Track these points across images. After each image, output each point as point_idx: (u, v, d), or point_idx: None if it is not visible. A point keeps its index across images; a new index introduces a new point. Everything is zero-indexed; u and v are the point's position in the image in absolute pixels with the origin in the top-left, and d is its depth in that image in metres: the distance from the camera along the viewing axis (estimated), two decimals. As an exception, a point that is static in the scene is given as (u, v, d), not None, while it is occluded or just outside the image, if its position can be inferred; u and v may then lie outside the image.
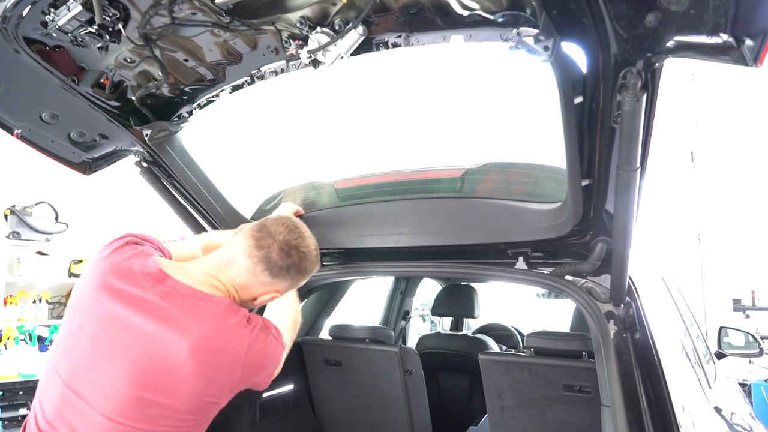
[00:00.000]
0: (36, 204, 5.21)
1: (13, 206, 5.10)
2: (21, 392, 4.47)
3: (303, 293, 2.72)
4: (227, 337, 1.26)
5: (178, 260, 1.46)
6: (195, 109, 1.83)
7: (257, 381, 1.38)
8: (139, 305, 1.23)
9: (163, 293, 1.25)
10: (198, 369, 1.22)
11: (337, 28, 1.33)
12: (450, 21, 1.28)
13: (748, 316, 5.76)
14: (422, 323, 5.63)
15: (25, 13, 1.35)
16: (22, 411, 5.01)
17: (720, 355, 2.99)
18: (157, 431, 1.23)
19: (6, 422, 4.84)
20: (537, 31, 1.10)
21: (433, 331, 4.70)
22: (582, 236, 1.71)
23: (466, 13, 1.21)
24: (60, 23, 1.36)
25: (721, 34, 0.92)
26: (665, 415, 1.47)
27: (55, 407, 1.24)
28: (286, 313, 1.68)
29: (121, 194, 4.83)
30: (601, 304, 1.70)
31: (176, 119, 1.86)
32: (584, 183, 1.47)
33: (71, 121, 1.81)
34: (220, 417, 2.25)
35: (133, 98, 1.75)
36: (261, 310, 1.75)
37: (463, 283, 3.67)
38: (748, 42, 0.90)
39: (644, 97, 1.08)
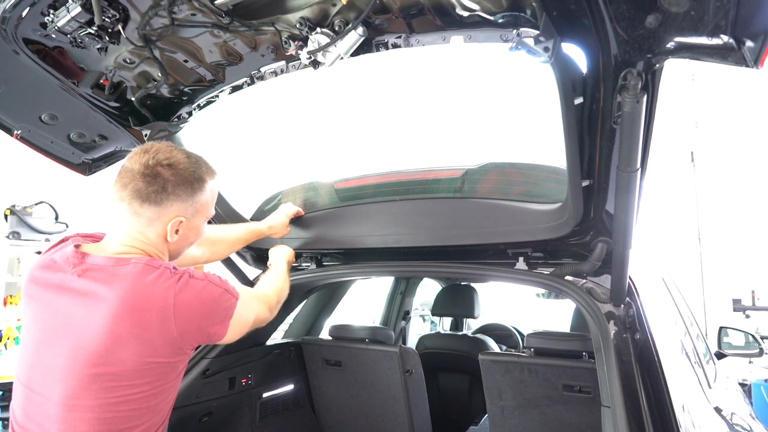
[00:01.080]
0: (36, 204, 5.21)
1: (13, 206, 5.11)
2: (21, 392, 4.46)
3: (303, 293, 2.73)
4: (148, 293, 1.21)
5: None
6: (195, 109, 1.83)
7: (209, 332, 1.30)
8: (63, 288, 1.25)
9: (82, 271, 1.24)
10: (128, 332, 1.19)
11: (336, 28, 1.33)
12: (450, 22, 1.28)
13: (748, 316, 5.75)
14: (422, 323, 5.62)
15: (24, 14, 1.35)
16: (22, 411, 5.00)
17: (720, 355, 2.99)
18: (108, 404, 1.20)
19: (6, 422, 4.84)
20: (537, 32, 1.10)
21: (433, 331, 4.70)
22: (582, 237, 1.71)
23: (466, 13, 1.21)
24: (59, 24, 1.36)
25: (722, 36, 0.92)
26: (665, 416, 1.46)
27: (22, 409, 1.26)
28: (268, 282, 1.71)
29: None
30: (601, 305, 1.70)
31: (176, 120, 1.86)
32: (584, 183, 1.47)
33: (71, 122, 1.81)
34: (220, 416, 2.27)
35: (133, 99, 1.75)
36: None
37: (463, 283, 3.67)
38: (749, 43, 0.90)
39: (644, 98, 1.08)
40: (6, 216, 5.09)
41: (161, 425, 1.33)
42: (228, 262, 2.25)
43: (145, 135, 1.84)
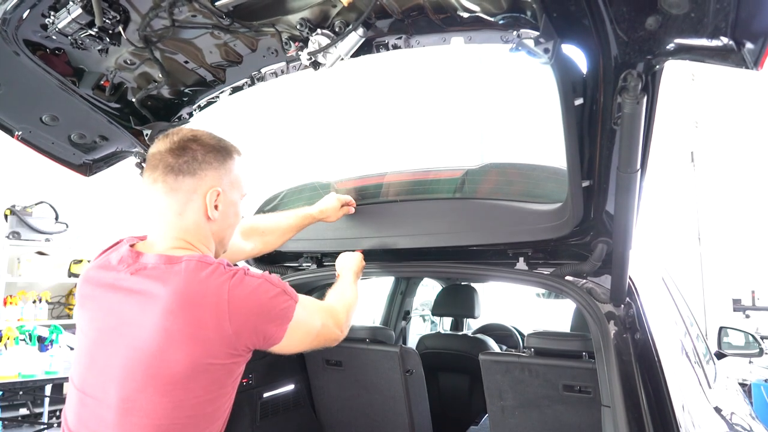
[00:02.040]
0: (36, 204, 5.23)
1: (13, 206, 5.12)
2: (21, 392, 4.47)
3: (303, 293, 2.73)
4: (202, 289, 1.17)
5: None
6: (195, 110, 1.83)
7: (266, 333, 1.23)
8: (116, 287, 1.24)
9: (135, 270, 1.23)
10: (181, 330, 1.14)
11: (337, 29, 1.33)
12: (450, 23, 1.28)
13: (748, 316, 5.76)
14: (422, 323, 5.63)
15: (25, 15, 1.35)
16: (22, 411, 5.02)
17: (720, 355, 2.99)
18: (164, 409, 1.16)
19: (6, 422, 4.85)
20: (537, 33, 1.10)
21: (433, 331, 4.70)
22: (582, 237, 1.71)
23: (466, 15, 1.21)
24: (60, 26, 1.36)
25: (722, 37, 0.92)
26: (665, 415, 1.47)
27: (75, 414, 1.23)
28: (335, 295, 1.63)
29: (122, 195, 4.84)
30: (601, 305, 1.70)
31: (176, 120, 1.86)
32: (584, 184, 1.47)
33: (71, 123, 1.81)
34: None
35: (134, 100, 1.75)
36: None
37: (463, 283, 3.67)
38: (749, 45, 0.90)
39: (644, 100, 1.08)
40: (6, 216, 5.10)
41: None
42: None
43: (146, 135, 1.85)
